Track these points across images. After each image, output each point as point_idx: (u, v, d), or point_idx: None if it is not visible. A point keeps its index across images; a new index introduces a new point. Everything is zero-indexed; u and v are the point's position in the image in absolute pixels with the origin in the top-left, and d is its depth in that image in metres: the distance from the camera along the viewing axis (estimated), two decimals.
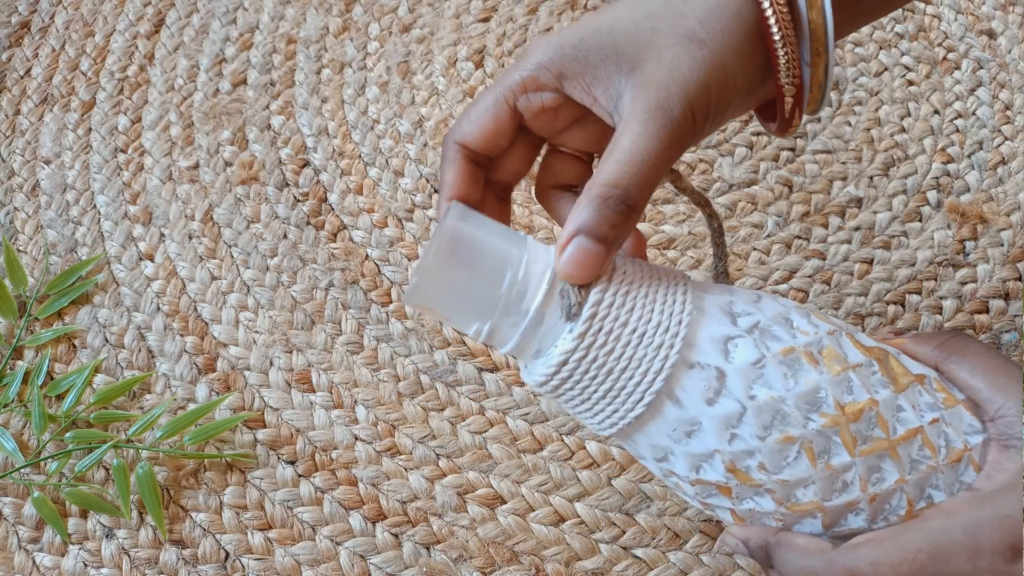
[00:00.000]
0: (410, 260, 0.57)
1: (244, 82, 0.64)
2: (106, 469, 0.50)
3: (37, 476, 0.50)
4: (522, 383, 0.52)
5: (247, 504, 0.49)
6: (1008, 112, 0.61)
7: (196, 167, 0.61)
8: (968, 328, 0.53)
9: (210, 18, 0.67)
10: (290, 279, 0.56)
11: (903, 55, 0.64)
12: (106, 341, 0.55)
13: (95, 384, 0.53)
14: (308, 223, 0.58)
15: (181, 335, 0.55)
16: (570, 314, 0.33)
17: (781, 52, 0.33)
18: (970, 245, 0.56)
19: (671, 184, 0.39)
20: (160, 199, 0.60)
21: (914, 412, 0.34)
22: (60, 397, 0.52)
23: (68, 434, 0.50)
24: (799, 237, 0.57)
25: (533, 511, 0.49)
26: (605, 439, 0.51)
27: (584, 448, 0.50)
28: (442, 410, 0.52)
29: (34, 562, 0.48)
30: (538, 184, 0.38)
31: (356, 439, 0.51)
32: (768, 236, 0.57)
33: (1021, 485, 0.32)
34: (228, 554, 0.48)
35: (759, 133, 0.61)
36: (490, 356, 0.53)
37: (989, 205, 0.57)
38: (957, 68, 0.64)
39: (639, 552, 0.48)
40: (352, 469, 0.50)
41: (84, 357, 0.54)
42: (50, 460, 0.50)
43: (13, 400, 0.52)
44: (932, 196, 0.58)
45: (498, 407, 0.52)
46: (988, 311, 0.54)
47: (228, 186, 0.60)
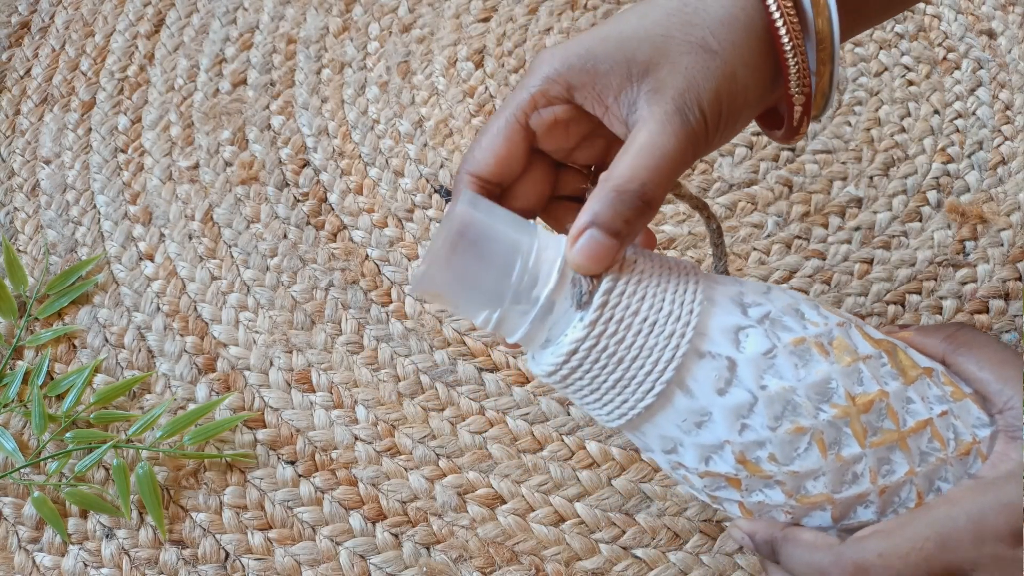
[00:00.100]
0: (410, 260, 0.57)
1: (244, 82, 0.64)
2: (106, 469, 0.50)
3: (37, 476, 0.50)
4: (522, 383, 0.52)
5: (247, 504, 0.49)
6: (1008, 112, 0.61)
7: (196, 167, 0.61)
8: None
9: (210, 18, 0.67)
10: (290, 279, 0.56)
11: (903, 55, 0.64)
12: (106, 341, 0.55)
13: (95, 384, 0.53)
14: (308, 223, 0.58)
15: (181, 335, 0.55)
16: (581, 302, 0.32)
17: (792, 62, 0.33)
18: (970, 245, 0.56)
19: (670, 192, 0.39)
20: (160, 199, 0.60)
21: (923, 404, 0.34)
22: (60, 397, 0.52)
23: (68, 434, 0.50)
24: (799, 237, 0.57)
25: (533, 511, 0.49)
26: (605, 439, 0.51)
27: (584, 448, 0.50)
28: (442, 410, 0.52)
29: (34, 562, 0.48)
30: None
31: (356, 439, 0.51)
32: (768, 236, 0.57)
33: None
34: (228, 554, 0.48)
35: (759, 133, 0.61)
36: (490, 356, 0.53)
37: (989, 205, 0.57)
38: (957, 68, 0.64)
39: (639, 552, 0.48)
40: (352, 469, 0.50)
41: (84, 357, 0.54)
42: (50, 460, 0.50)
43: (13, 400, 0.52)
44: (932, 196, 0.58)
45: (498, 407, 0.52)
46: (988, 311, 0.54)
47: (228, 186, 0.60)
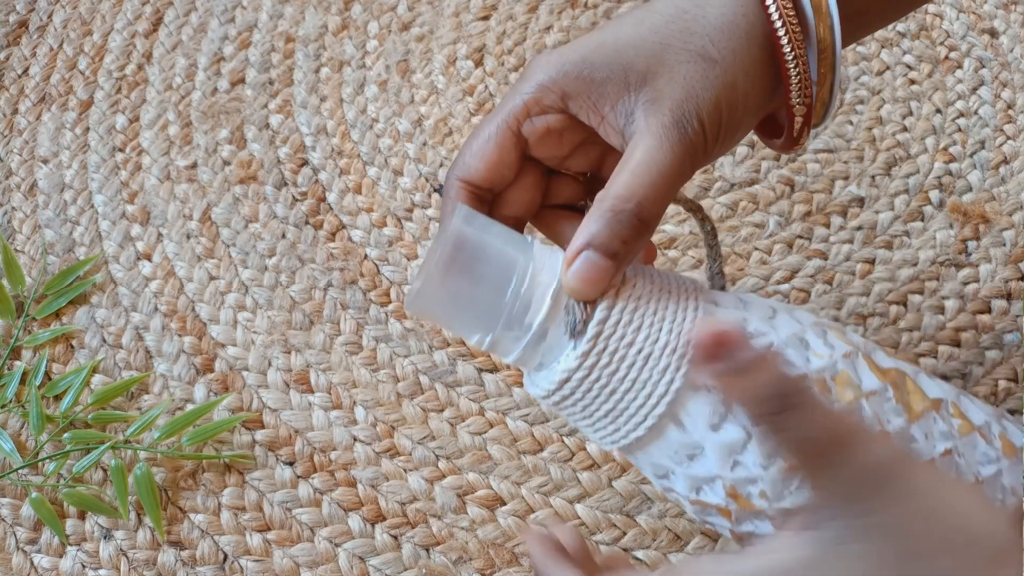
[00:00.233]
0: (409, 260, 0.57)
1: (242, 81, 0.64)
2: (104, 470, 0.50)
3: (35, 477, 0.50)
4: (522, 384, 0.52)
5: (245, 505, 0.49)
6: (1010, 111, 0.61)
7: (194, 166, 0.60)
8: (970, 328, 0.53)
9: (208, 17, 0.67)
10: (288, 279, 0.56)
11: (905, 54, 0.64)
12: (104, 341, 0.54)
13: (93, 384, 0.53)
14: (307, 222, 0.58)
15: (179, 335, 0.54)
16: (574, 331, 0.32)
17: (793, 71, 0.32)
18: (972, 245, 0.56)
19: None
20: (158, 198, 0.59)
21: (926, 443, 0.32)
22: (58, 398, 0.52)
23: (66, 435, 0.50)
24: (801, 237, 0.57)
25: (533, 512, 0.49)
26: None
27: (584, 449, 0.50)
28: (442, 411, 0.52)
29: (32, 563, 0.48)
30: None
31: (355, 440, 0.51)
32: (769, 236, 0.57)
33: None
34: (226, 555, 0.48)
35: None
36: (490, 357, 0.53)
37: (991, 205, 0.57)
38: (959, 67, 0.63)
39: (640, 554, 0.48)
40: (351, 470, 0.50)
41: (82, 357, 0.54)
42: (48, 461, 0.50)
43: (11, 401, 0.52)
44: (934, 195, 0.58)
45: (498, 408, 0.51)
46: (990, 311, 0.54)
47: (226, 185, 0.60)
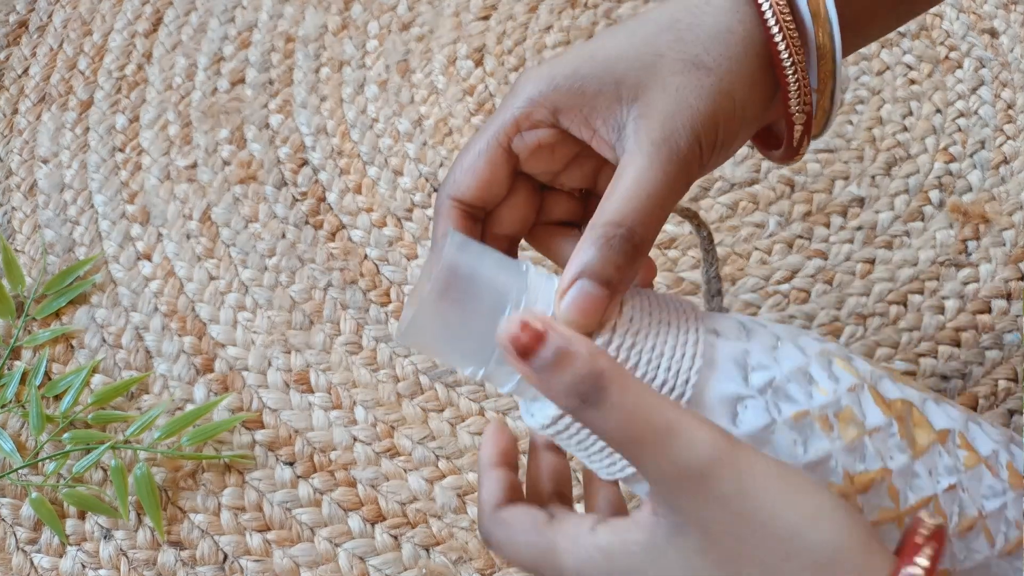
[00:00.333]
0: (409, 260, 0.57)
1: (242, 81, 0.64)
2: (104, 470, 0.50)
3: (35, 477, 0.50)
4: None
5: (245, 505, 0.49)
6: (1010, 111, 0.61)
7: (194, 166, 0.60)
8: (970, 328, 0.53)
9: (208, 17, 0.67)
10: (288, 279, 0.56)
11: (905, 54, 0.64)
12: (104, 341, 0.54)
13: (93, 385, 0.53)
14: (307, 222, 0.58)
15: (179, 335, 0.54)
16: None
17: (792, 79, 0.31)
18: (972, 245, 0.56)
19: None
20: (158, 198, 0.59)
21: (929, 479, 0.32)
22: (58, 398, 0.52)
23: (66, 435, 0.50)
24: (801, 237, 0.57)
25: None
26: None
27: None
28: (441, 411, 0.52)
29: (32, 563, 0.48)
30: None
31: (355, 440, 0.51)
32: (770, 236, 0.57)
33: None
34: (226, 555, 0.48)
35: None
36: None
37: (991, 205, 0.57)
38: (959, 67, 0.63)
39: None
40: (351, 470, 0.50)
41: (82, 357, 0.54)
42: (48, 461, 0.50)
43: (11, 401, 0.52)
44: (934, 195, 0.58)
45: (498, 408, 0.51)
46: (990, 311, 0.54)
47: (226, 185, 0.60)
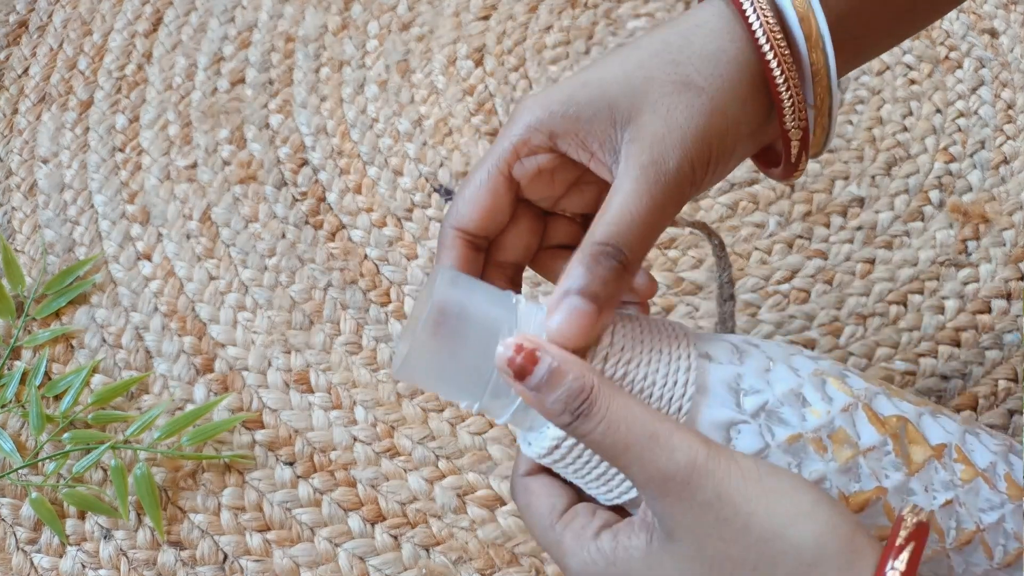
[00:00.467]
0: (409, 260, 0.57)
1: (242, 81, 0.64)
2: (104, 470, 0.50)
3: (35, 477, 0.50)
4: None
5: (245, 505, 0.49)
6: (1010, 111, 0.61)
7: (194, 166, 0.60)
8: (970, 328, 0.53)
9: (208, 16, 0.67)
10: (288, 279, 0.56)
11: (905, 54, 0.64)
12: (104, 341, 0.54)
13: (93, 385, 0.53)
14: (307, 222, 0.58)
15: (179, 335, 0.54)
16: None
17: (785, 95, 0.32)
18: (972, 245, 0.56)
19: None
20: (158, 198, 0.59)
21: (925, 495, 0.32)
22: (58, 398, 0.52)
23: (66, 435, 0.50)
24: (801, 237, 0.57)
25: None
26: None
27: None
28: (441, 411, 0.52)
29: (32, 563, 0.48)
30: None
31: (355, 440, 0.51)
32: (770, 235, 0.57)
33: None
34: (226, 556, 0.48)
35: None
36: None
37: (991, 204, 0.57)
38: (959, 67, 0.63)
39: None
40: (351, 470, 0.50)
41: (82, 357, 0.54)
42: (48, 461, 0.50)
43: (11, 401, 0.52)
44: (934, 195, 0.58)
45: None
46: (990, 311, 0.54)
47: (226, 185, 0.60)
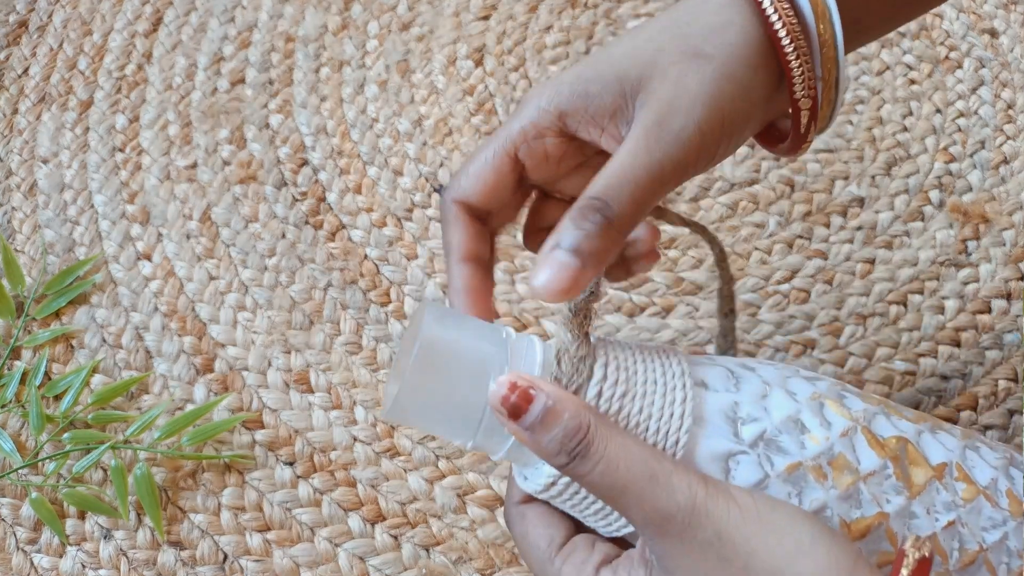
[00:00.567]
0: (409, 260, 0.57)
1: (242, 81, 0.64)
2: (104, 470, 0.50)
3: (35, 477, 0.50)
4: None
5: (245, 505, 0.49)
6: (1010, 111, 0.61)
7: (194, 166, 0.60)
8: (970, 328, 0.53)
9: (208, 17, 0.67)
10: (288, 279, 0.56)
11: (905, 54, 0.64)
12: (104, 341, 0.54)
13: (93, 385, 0.53)
14: (307, 222, 0.58)
15: (179, 335, 0.54)
16: None
17: (795, 64, 0.32)
18: (972, 245, 0.56)
19: (656, 219, 0.37)
20: (158, 198, 0.59)
21: (928, 517, 0.31)
22: (58, 398, 0.52)
23: (66, 435, 0.50)
24: (801, 237, 0.57)
25: None
26: None
27: None
28: None
29: (32, 563, 0.48)
30: (527, 229, 0.37)
31: (355, 440, 0.51)
32: (770, 236, 0.57)
33: None
34: (226, 555, 0.48)
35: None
36: None
37: (991, 204, 0.57)
38: (959, 67, 0.63)
39: None
40: (351, 470, 0.50)
41: (82, 357, 0.54)
42: (48, 461, 0.50)
43: (11, 401, 0.52)
44: (934, 195, 0.58)
45: None
46: (990, 311, 0.54)
47: (226, 185, 0.60)
